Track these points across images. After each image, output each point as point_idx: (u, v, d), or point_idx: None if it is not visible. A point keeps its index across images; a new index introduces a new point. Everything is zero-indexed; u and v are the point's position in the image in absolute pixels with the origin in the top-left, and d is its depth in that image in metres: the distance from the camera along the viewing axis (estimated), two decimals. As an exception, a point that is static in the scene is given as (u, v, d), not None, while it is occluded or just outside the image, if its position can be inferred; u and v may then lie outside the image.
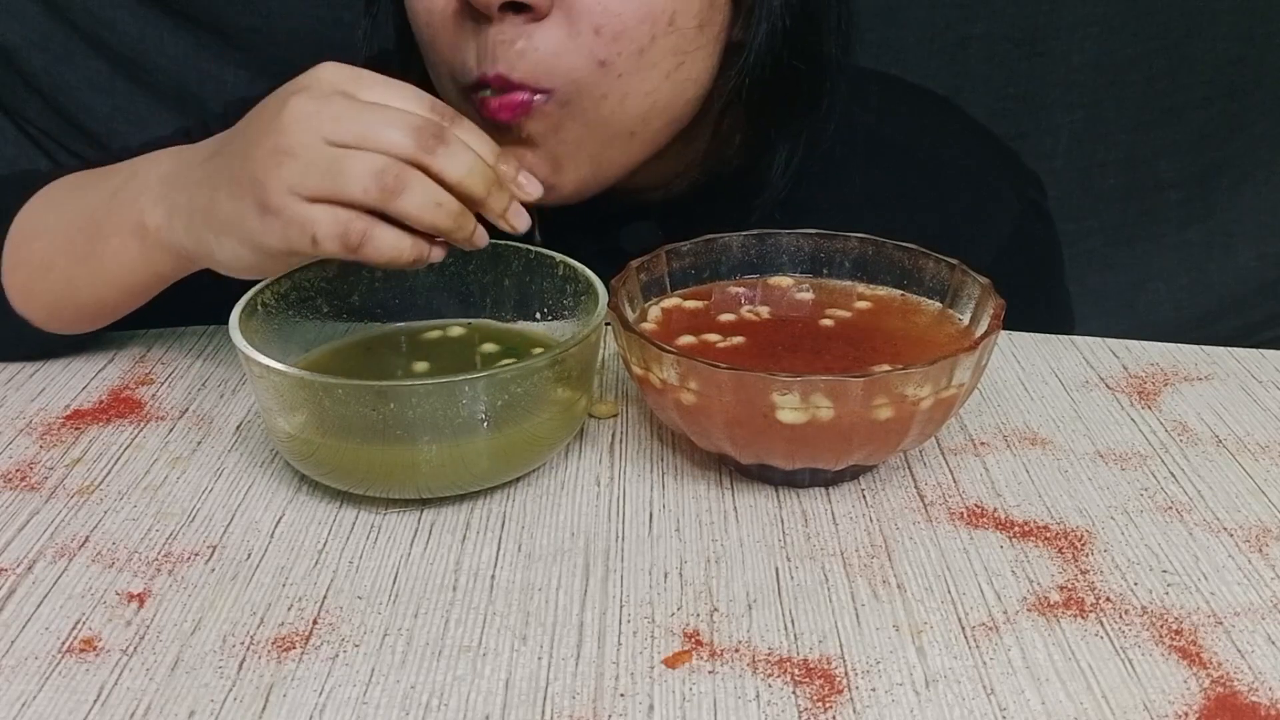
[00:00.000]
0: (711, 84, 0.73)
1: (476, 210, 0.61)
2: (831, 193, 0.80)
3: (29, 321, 0.71)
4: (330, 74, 0.61)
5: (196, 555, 0.55)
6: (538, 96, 0.67)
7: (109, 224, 0.67)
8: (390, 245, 0.60)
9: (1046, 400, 0.68)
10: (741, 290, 0.67)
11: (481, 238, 0.62)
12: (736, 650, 0.49)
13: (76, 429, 0.65)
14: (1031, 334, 0.75)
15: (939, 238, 0.73)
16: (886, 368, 0.57)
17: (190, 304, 0.74)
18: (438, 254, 0.62)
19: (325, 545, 0.56)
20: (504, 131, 0.68)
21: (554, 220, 0.75)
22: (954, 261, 0.64)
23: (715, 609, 0.51)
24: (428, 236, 0.61)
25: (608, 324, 0.61)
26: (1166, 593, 0.52)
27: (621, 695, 0.47)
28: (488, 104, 0.67)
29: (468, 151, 0.60)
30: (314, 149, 0.59)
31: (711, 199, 0.79)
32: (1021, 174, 0.88)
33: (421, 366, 0.66)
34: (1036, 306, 0.86)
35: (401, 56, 0.79)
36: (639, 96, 0.69)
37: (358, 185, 0.58)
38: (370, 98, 0.60)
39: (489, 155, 0.61)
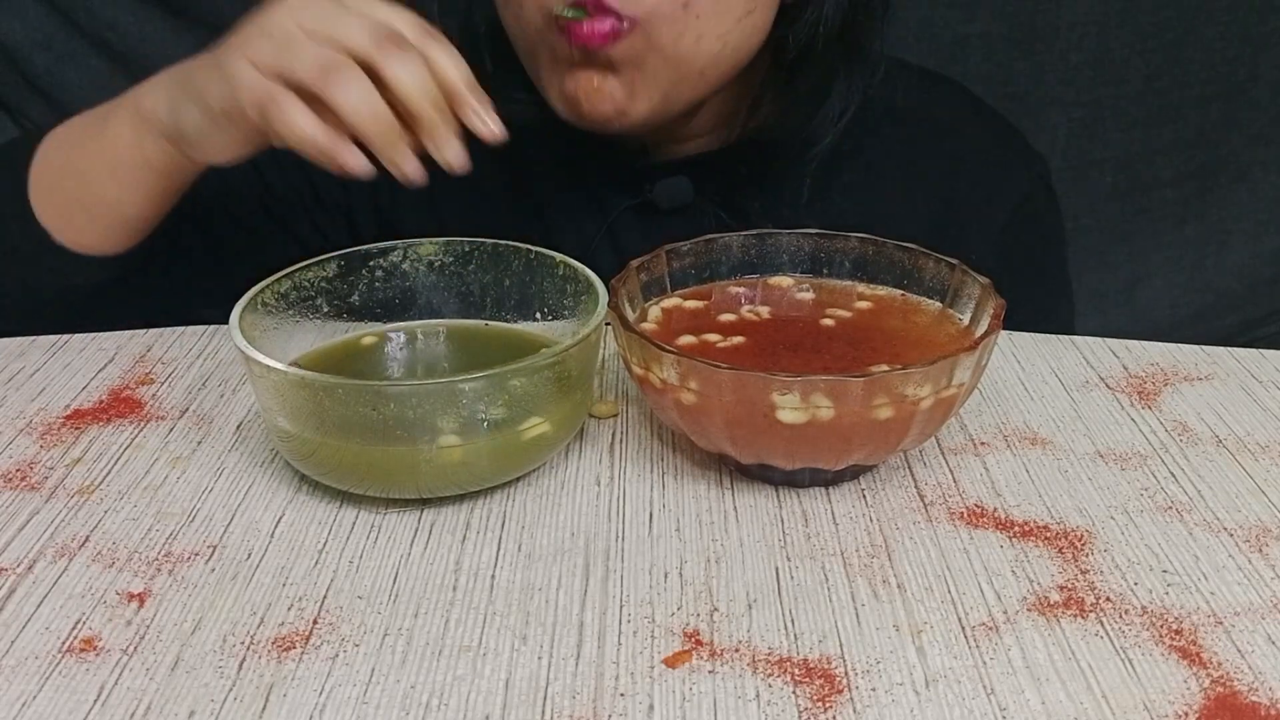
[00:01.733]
0: (766, 37, 0.77)
1: (415, 130, 0.62)
2: (853, 160, 0.83)
3: (49, 233, 0.74)
4: None
5: (196, 555, 0.55)
6: (624, 23, 0.71)
7: (115, 113, 0.73)
8: (297, 121, 0.61)
9: (1046, 400, 0.68)
10: (742, 290, 0.67)
11: (413, 170, 0.62)
12: (736, 650, 0.49)
13: (76, 429, 0.65)
14: (1031, 334, 0.75)
15: (951, 203, 0.74)
16: (886, 368, 0.57)
17: (190, 303, 0.75)
18: (354, 161, 0.62)
19: (325, 545, 0.56)
20: (590, 57, 0.72)
21: (590, 176, 0.82)
22: (954, 261, 0.64)
23: (715, 609, 0.51)
24: (352, 144, 0.62)
25: (608, 324, 0.61)
26: (1166, 593, 0.52)
27: (621, 695, 0.47)
28: (577, 30, 0.71)
29: (423, 69, 0.61)
30: (284, 31, 0.62)
31: (740, 157, 0.82)
32: (1029, 152, 0.91)
33: (422, 367, 0.66)
34: (1040, 276, 0.89)
35: None
36: (713, 38, 0.73)
37: (302, 65, 0.61)
38: (359, 8, 0.62)
39: (459, 77, 0.62)
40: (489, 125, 0.63)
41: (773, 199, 0.81)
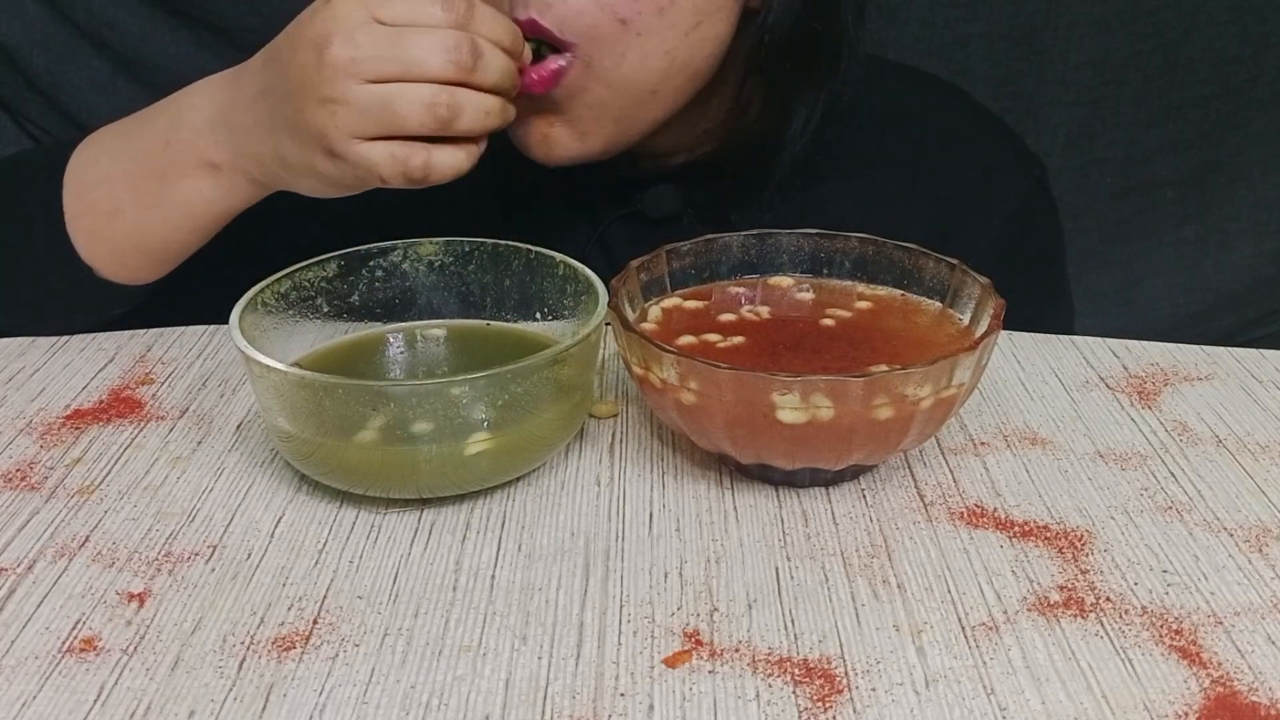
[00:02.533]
0: (728, 45, 0.75)
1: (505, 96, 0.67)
2: (848, 162, 0.83)
3: (94, 270, 0.74)
4: (347, 7, 0.64)
5: (196, 555, 0.55)
6: (561, 60, 0.70)
7: (173, 169, 0.71)
8: (450, 165, 0.65)
9: (1046, 400, 0.68)
10: (742, 290, 0.67)
11: (512, 112, 0.68)
12: (736, 650, 0.49)
13: (76, 429, 0.65)
14: (1031, 334, 0.75)
15: (948, 208, 0.74)
16: (886, 368, 0.57)
17: (190, 303, 0.75)
18: (481, 147, 0.67)
19: (325, 545, 0.56)
20: (534, 103, 0.72)
21: (579, 186, 0.81)
22: (954, 261, 0.64)
23: (715, 609, 0.51)
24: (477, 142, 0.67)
25: (608, 324, 0.61)
26: (1166, 593, 0.52)
27: (621, 695, 0.47)
28: (524, 74, 0.70)
29: (497, 55, 0.65)
30: (361, 94, 0.63)
31: (730, 164, 0.82)
32: (1026, 155, 0.91)
33: (422, 367, 0.66)
34: (1038, 280, 0.89)
35: None
36: (659, 55, 0.71)
37: (414, 120, 0.63)
38: (391, 16, 0.63)
39: (509, 38, 0.66)
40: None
41: (763, 207, 0.81)
